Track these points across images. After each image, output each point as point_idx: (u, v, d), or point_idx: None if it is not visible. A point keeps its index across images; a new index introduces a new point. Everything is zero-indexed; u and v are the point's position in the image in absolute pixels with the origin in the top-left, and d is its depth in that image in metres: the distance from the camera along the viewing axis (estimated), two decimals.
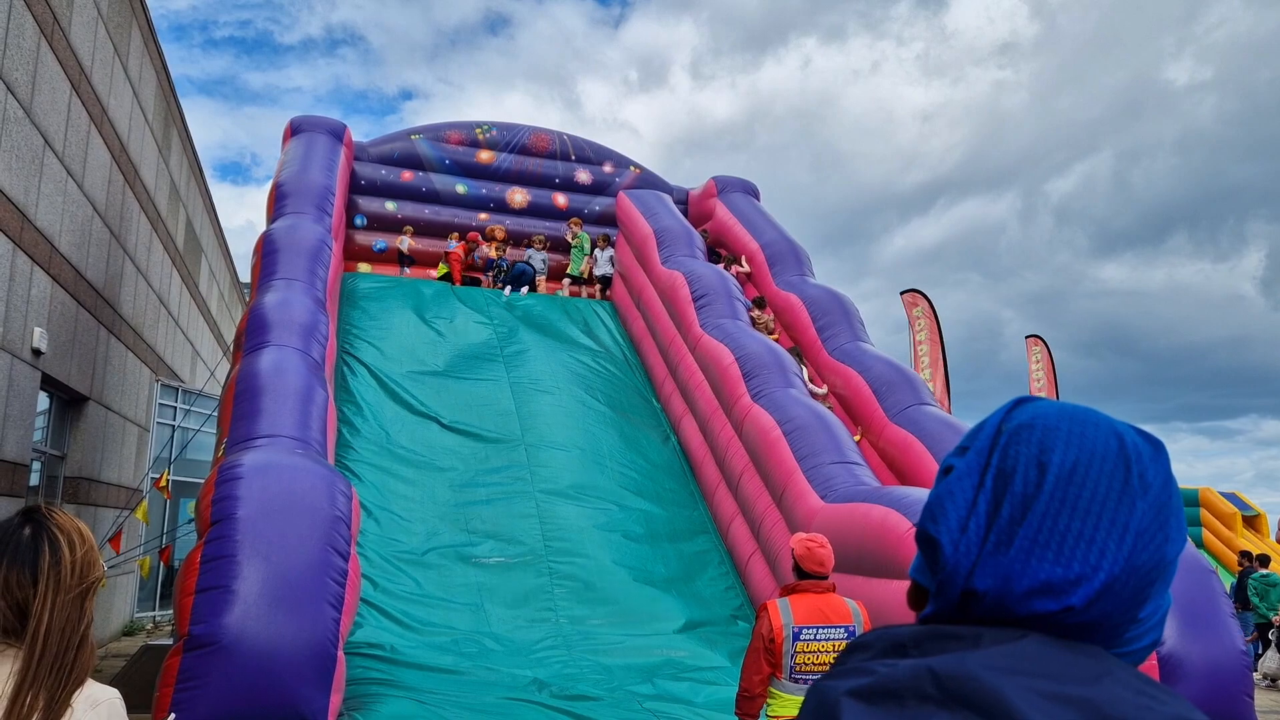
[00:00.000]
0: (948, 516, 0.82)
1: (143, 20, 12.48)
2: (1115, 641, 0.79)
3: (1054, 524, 0.78)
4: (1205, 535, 23.60)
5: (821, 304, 10.40)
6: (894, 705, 0.72)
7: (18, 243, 8.16)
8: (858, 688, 0.75)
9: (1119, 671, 0.74)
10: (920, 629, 0.79)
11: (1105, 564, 0.77)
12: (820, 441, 7.72)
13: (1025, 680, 0.71)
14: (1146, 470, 0.80)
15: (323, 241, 9.35)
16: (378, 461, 8.70)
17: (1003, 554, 0.78)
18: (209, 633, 4.36)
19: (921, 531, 0.84)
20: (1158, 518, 0.79)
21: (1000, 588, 0.78)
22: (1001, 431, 0.83)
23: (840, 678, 0.77)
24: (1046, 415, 0.83)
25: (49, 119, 8.84)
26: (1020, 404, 0.86)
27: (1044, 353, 23.53)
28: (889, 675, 0.74)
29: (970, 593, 0.79)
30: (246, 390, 6.70)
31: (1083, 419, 0.82)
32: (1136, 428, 0.83)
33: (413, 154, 12.76)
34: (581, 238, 12.86)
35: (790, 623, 4.15)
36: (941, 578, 0.81)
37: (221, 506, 4.85)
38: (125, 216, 11.84)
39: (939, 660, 0.74)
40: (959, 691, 0.70)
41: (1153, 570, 0.79)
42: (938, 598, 0.82)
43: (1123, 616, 0.79)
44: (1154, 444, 0.82)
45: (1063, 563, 0.77)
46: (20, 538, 1.90)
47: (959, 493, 0.83)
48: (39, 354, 8.82)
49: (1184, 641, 5.18)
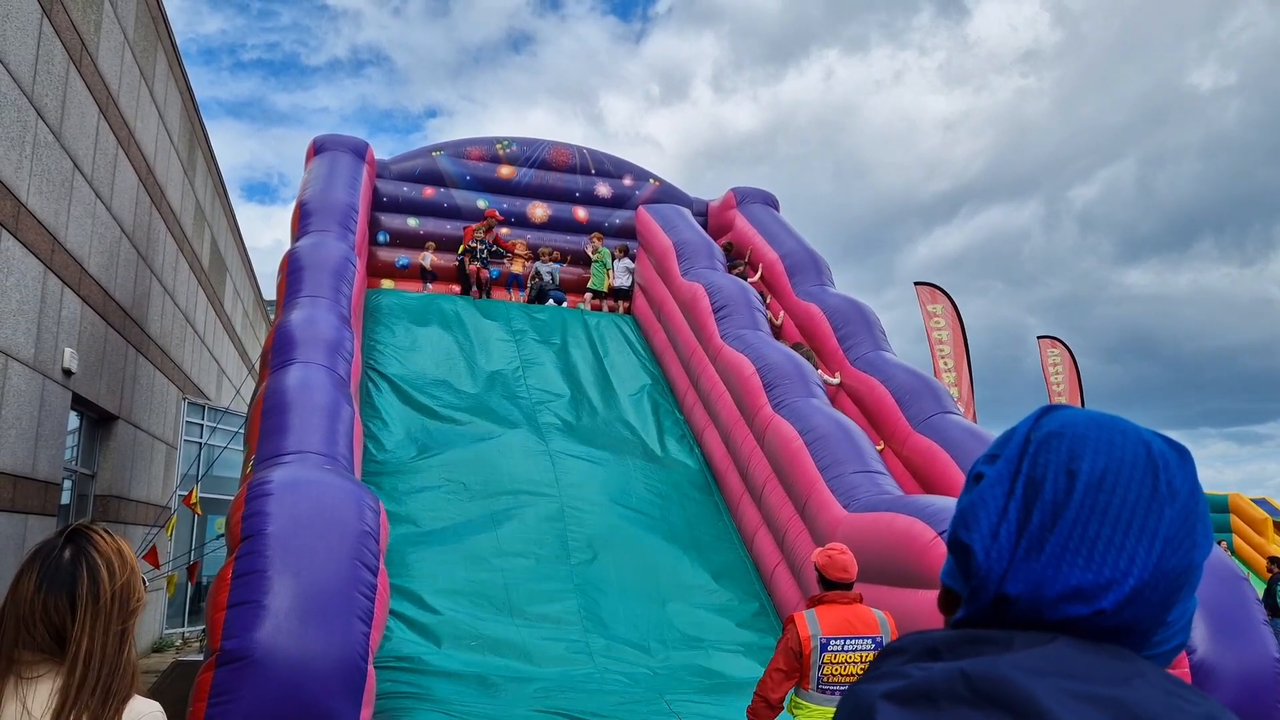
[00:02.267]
0: (980, 523, 0.84)
1: (168, 43, 12.67)
2: (1144, 644, 0.81)
3: (1084, 531, 0.80)
4: (1236, 541, 23.27)
5: (842, 313, 10.40)
6: (928, 707, 0.74)
7: (49, 265, 8.30)
8: (892, 690, 0.77)
9: (1149, 673, 0.76)
10: (953, 633, 0.81)
11: (1135, 569, 0.79)
12: (843, 451, 7.71)
13: (1056, 681, 0.73)
14: (1174, 477, 0.82)
15: (346, 259, 9.45)
16: (403, 475, 8.76)
17: (1034, 560, 0.80)
18: (241, 647, 4.40)
19: (954, 538, 0.87)
20: (1185, 524, 0.81)
21: (1032, 593, 0.80)
22: (1030, 440, 0.85)
23: (875, 681, 0.79)
24: (1075, 423, 0.85)
25: (78, 143, 9.00)
26: (1048, 412, 0.88)
27: (1064, 355, 22.84)
28: (923, 678, 0.76)
29: (1002, 598, 0.81)
30: (274, 407, 6.78)
31: (1110, 427, 0.84)
32: (1163, 435, 0.85)
33: (434, 170, 12.88)
34: (603, 253, 12.91)
35: (818, 634, 4.15)
36: (974, 583, 0.83)
37: (251, 522, 4.90)
38: (152, 237, 12.01)
39: (971, 663, 0.76)
40: (991, 693, 0.72)
41: (1181, 575, 0.81)
42: (970, 603, 0.84)
43: (1151, 620, 0.80)
44: (1180, 451, 0.84)
45: (1093, 569, 0.79)
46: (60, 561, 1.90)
47: (990, 500, 0.85)
48: (69, 374, 8.95)
49: (1215, 648, 5.13)
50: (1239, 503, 23.77)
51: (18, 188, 7.53)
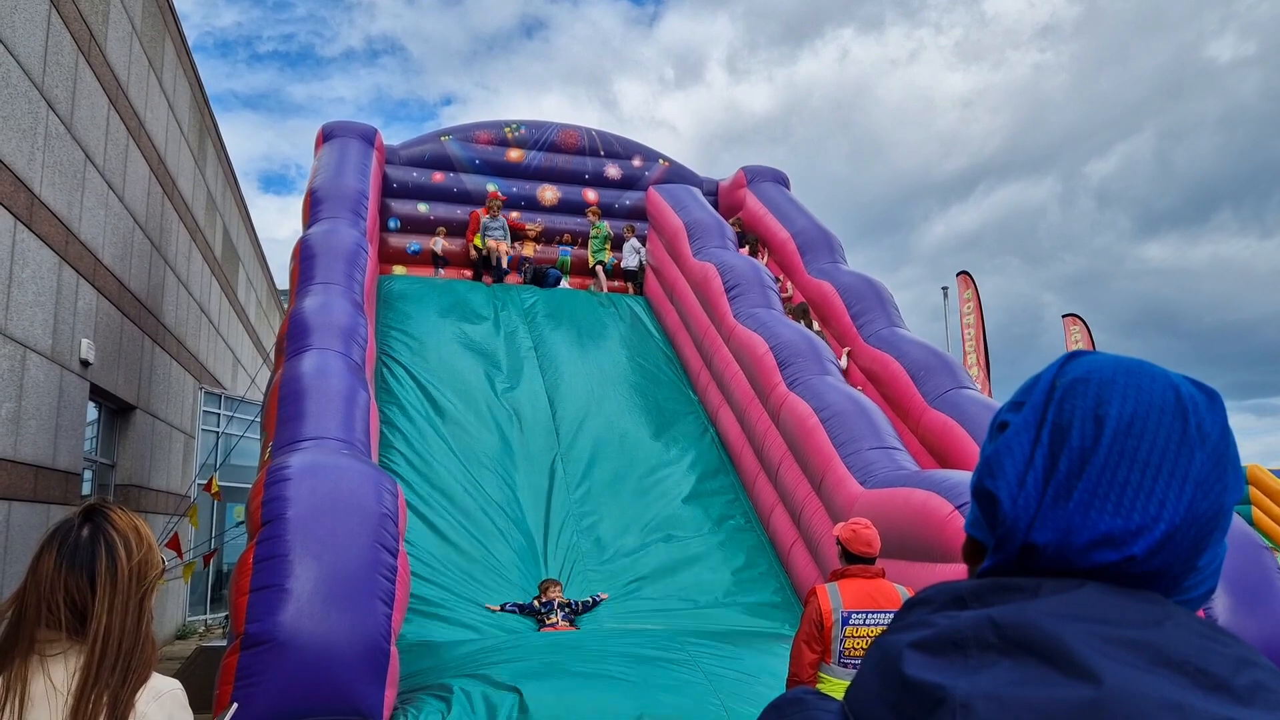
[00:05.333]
0: (1005, 472, 0.83)
1: (175, 33, 12.67)
2: (1174, 590, 0.80)
3: (1113, 476, 0.78)
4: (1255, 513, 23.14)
5: (855, 290, 10.35)
6: (956, 654, 0.73)
7: (64, 256, 8.34)
8: (920, 639, 0.76)
9: (1180, 616, 0.75)
10: (980, 582, 0.81)
11: (1166, 514, 0.78)
12: (858, 427, 7.70)
13: (1086, 626, 0.72)
14: (1204, 420, 0.81)
15: (359, 245, 9.45)
16: (419, 460, 8.79)
17: (1062, 507, 0.79)
18: (264, 631, 4.44)
19: (979, 487, 0.85)
20: (1216, 467, 0.80)
21: (1060, 540, 0.79)
22: (1056, 386, 0.84)
23: (902, 631, 0.79)
24: (1101, 368, 0.83)
25: (89, 134, 9.02)
26: (1073, 358, 0.86)
27: (1083, 332, 23.23)
28: (950, 626, 0.76)
29: (1030, 546, 0.80)
30: (290, 393, 6.80)
31: (1138, 371, 0.83)
32: (1191, 379, 0.84)
33: (443, 155, 12.85)
34: (600, 226, 12.73)
35: (839, 607, 4.17)
36: (1001, 532, 0.82)
37: (272, 507, 4.93)
38: (165, 227, 12.05)
39: (999, 610, 0.75)
40: (1020, 638, 0.72)
41: (1212, 519, 0.80)
42: (997, 552, 0.83)
43: (1183, 566, 0.79)
44: (1209, 394, 0.83)
45: (1123, 514, 0.78)
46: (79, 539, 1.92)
47: (1016, 448, 0.83)
48: (87, 365, 9.01)
49: (1237, 618, 5.11)
50: (1259, 474, 23.60)
51: (31, 180, 7.56)
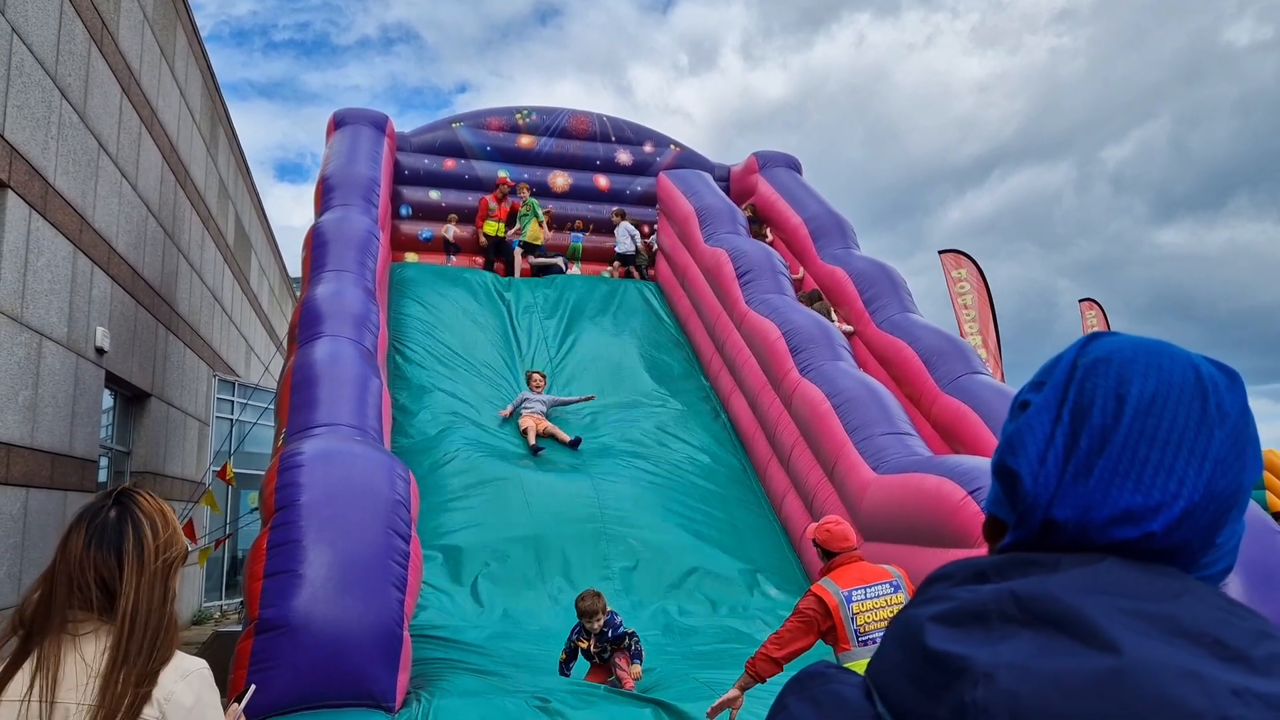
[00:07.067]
0: (1026, 449, 0.84)
1: (186, 21, 12.69)
2: (1192, 566, 0.81)
3: (1133, 454, 0.80)
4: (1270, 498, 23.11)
5: (868, 276, 10.32)
6: (978, 627, 0.74)
7: (78, 244, 8.38)
8: (941, 612, 0.77)
9: (1198, 589, 0.76)
10: (1001, 558, 0.82)
11: (1185, 492, 0.79)
12: (871, 413, 7.69)
13: (1107, 599, 0.73)
14: (1224, 400, 0.82)
15: (370, 232, 9.47)
16: (432, 446, 8.82)
17: (1082, 484, 0.80)
18: (279, 616, 4.48)
19: (1000, 464, 0.87)
20: (1235, 446, 0.81)
21: (1080, 517, 0.80)
22: (1078, 366, 0.85)
23: (923, 605, 0.80)
24: (1122, 349, 0.84)
25: (102, 122, 9.05)
26: (1095, 339, 0.87)
27: (1099, 316, 23.18)
28: (972, 599, 0.77)
29: (1050, 523, 0.81)
30: (303, 380, 6.84)
31: (1159, 351, 0.83)
32: (1211, 359, 0.85)
33: (454, 142, 12.85)
34: (530, 203, 12.49)
35: (839, 591, 4.29)
36: (1021, 509, 0.84)
37: (285, 493, 4.96)
38: (178, 216, 12.09)
39: (1021, 583, 0.76)
40: (1041, 611, 0.73)
41: (1231, 497, 0.81)
42: (1017, 528, 0.84)
43: (1201, 542, 0.80)
44: (1229, 374, 0.84)
45: (1143, 491, 0.79)
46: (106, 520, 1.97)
47: (1037, 426, 0.84)
48: (102, 352, 9.06)
49: (1249, 601, 5.09)
50: (1273, 459, 23.57)
51: (45, 168, 7.59)
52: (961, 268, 18.67)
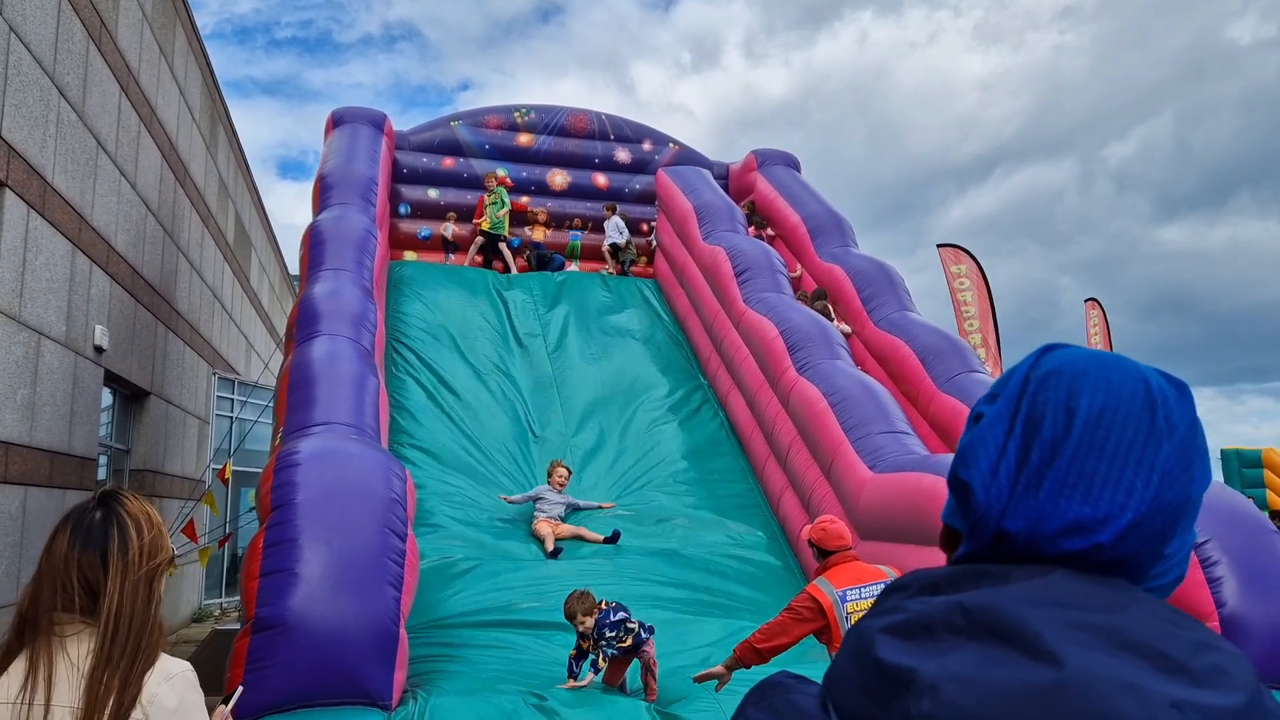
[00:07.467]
0: (979, 461, 0.85)
1: (186, 19, 12.69)
2: (1141, 577, 0.82)
3: (1082, 466, 0.80)
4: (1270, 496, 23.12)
5: (866, 274, 10.33)
6: (926, 638, 0.76)
7: (76, 243, 8.40)
8: (892, 624, 0.78)
9: (1144, 601, 0.77)
10: (954, 569, 0.83)
11: (1132, 503, 0.80)
12: (868, 412, 7.70)
13: (1052, 611, 0.74)
14: (1172, 413, 0.82)
15: (368, 231, 9.48)
16: (429, 445, 8.84)
17: (1033, 496, 0.81)
18: (275, 615, 4.49)
19: (954, 476, 0.88)
20: (1183, 458, 0.82)
21: (1030, 528, 0.81)
22: (1030, 379, 0.86)
23: (877, 616, 0.81)
24: (1074, 361, 0.85)
25: (100, 120, 9.06)
26: (1048, 351, 0.88)
27: (1100, 316, 23.15)
28: (922, 611, 0.78)
29: (1001, 534, 0.82)
30: (301, 379, 6.85)
31: (1109, 364, 0.84)
32: (1162, 371, 0.86)
33: (453, 140, 12.85)
34: (498, 191, 12.48)
35: (833, 590, 4.31)
36: (973, 520, 0.85)
37: (281, 492, 4.97)
38: (177, 214, 12.10)
39: (969, 595, 0.77)
40: (988, 623, 0.74)
41: (1178, 509, 0.81)
42: (970, 540, 0.86)
43: (1149, 553, 0.81)
44: (1179, 386, 0.85)
45: (1090, 503, 0.80)
46: (92, 521, 1.98)
47: (990, 439, 0.85)
48: (101, 351, 9.08)
49: (1246, 602, 5.10)
50: (1273, 457, 23.59)
51: (43, 167, 7.60)
52: (961, 263, 18.57)
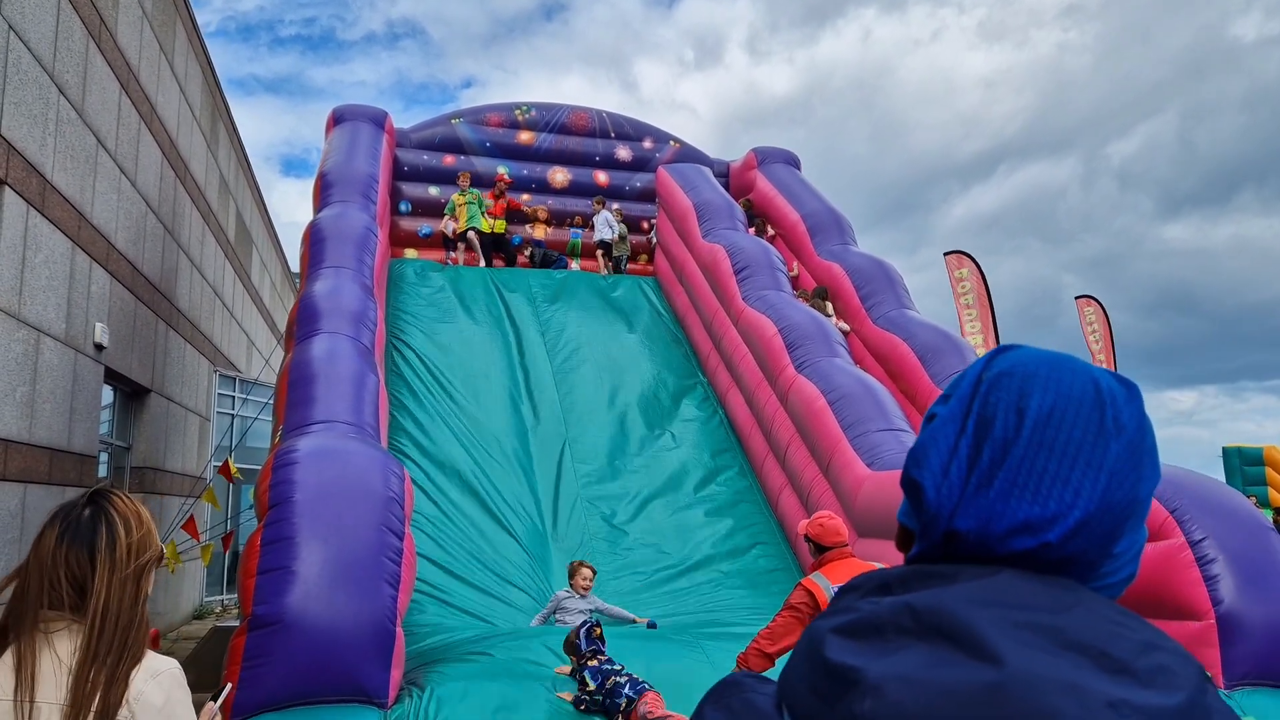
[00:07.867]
0: (930, 461, 0.86)
1: (186, 17, 12.70)
2: (1091, 576, 0.83)
3: (1031, 466, 0.81)
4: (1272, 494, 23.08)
5: (865, 272, 10.33)
6: (875, 638, 0.76)
7: (76, 241, 8.41)
8: (842, 624, 0.79)
9: (1092, 601, 0.78)
10: (906, 569, 0.84)
11: (1080, 502, 0.80)
12: (866, 410, 7.71)
13: (998, 611, 0.75)
14: (1121, 413, 0.83)
15: (369, 229, 9.50)
16: (427, 444, 8.85)
17: (983, 496, 0.82)
18: (272, 612, 4.50)
19: (906, 476, 0.89)
20: (1132, 458, 0.82)
21: (981, 528, 0.82)
22: (982, 380, 0.87)
23: (829, 617, 0.82)
24: (1026, 362, 0.86)
25: (100, 118, 9.07)
26: (1001, 352, 0.89)
27: (1099, 313, 23.07)
28: (871, 612, 0.79)
29: (952, 533, 0.83)
30: (300, 378, 6.86)
31: (1060, 365, 0.85)
32: (1113, 373, 0.87)
33: (454, 138, 12.86)
34: (473, 191, 12.38)
35: (830, 586, 4.32)
36: (925, 520, 0.85)
37: (279, 490, 4.99)
38: (178, 212, 12.12)
39: (918, 596, 0.78)
40: (934, 623, 0.75)
41: (1127, 508, 0.82)
42: (922, 539, 0.86)
43: (1098, 552, 0.82)
44: (1129, 387, 0.85)
45: (1039, 502, 0.80)
46: (80, 518, 1.99)
47: (942, 439, 0.86)
48: (101, 348, 9.10)
49: (1243, 600, 5.10)
50: (1275, 455, 23.53)
51: (43, 165, 7.62)
52: (963, 268, 18.83)
